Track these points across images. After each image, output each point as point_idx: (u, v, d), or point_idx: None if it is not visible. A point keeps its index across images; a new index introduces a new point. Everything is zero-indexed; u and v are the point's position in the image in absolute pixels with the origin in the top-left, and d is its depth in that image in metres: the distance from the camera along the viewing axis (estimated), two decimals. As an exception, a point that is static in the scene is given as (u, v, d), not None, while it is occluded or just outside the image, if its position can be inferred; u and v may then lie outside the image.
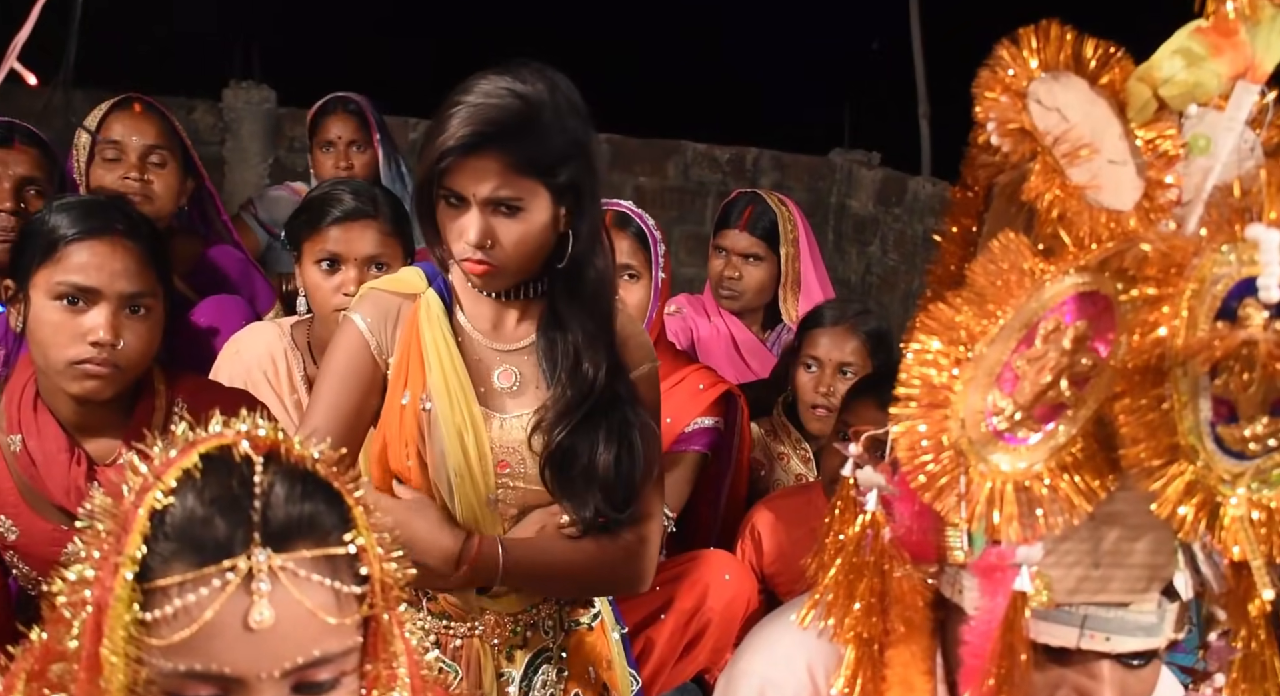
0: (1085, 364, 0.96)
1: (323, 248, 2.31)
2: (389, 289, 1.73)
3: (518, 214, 1.60)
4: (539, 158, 1.58)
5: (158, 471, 0.95)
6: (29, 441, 1.77)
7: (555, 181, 1.61)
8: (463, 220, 1.60)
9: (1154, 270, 0.92)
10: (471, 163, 1.57)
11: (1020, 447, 0.95)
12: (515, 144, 1.57)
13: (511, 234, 1.60)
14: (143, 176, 2.62)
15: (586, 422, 1.66)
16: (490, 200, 1.58)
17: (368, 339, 1.69)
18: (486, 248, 1.59)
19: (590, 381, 1.67)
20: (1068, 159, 1.01)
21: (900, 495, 1.08)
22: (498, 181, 1.57)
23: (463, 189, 1.58)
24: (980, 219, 1.19)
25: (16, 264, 1.77)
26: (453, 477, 1.68)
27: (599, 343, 1.67)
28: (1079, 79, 1.11)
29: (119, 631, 0.89)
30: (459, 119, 1.57)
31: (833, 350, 2.59)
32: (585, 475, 1.67)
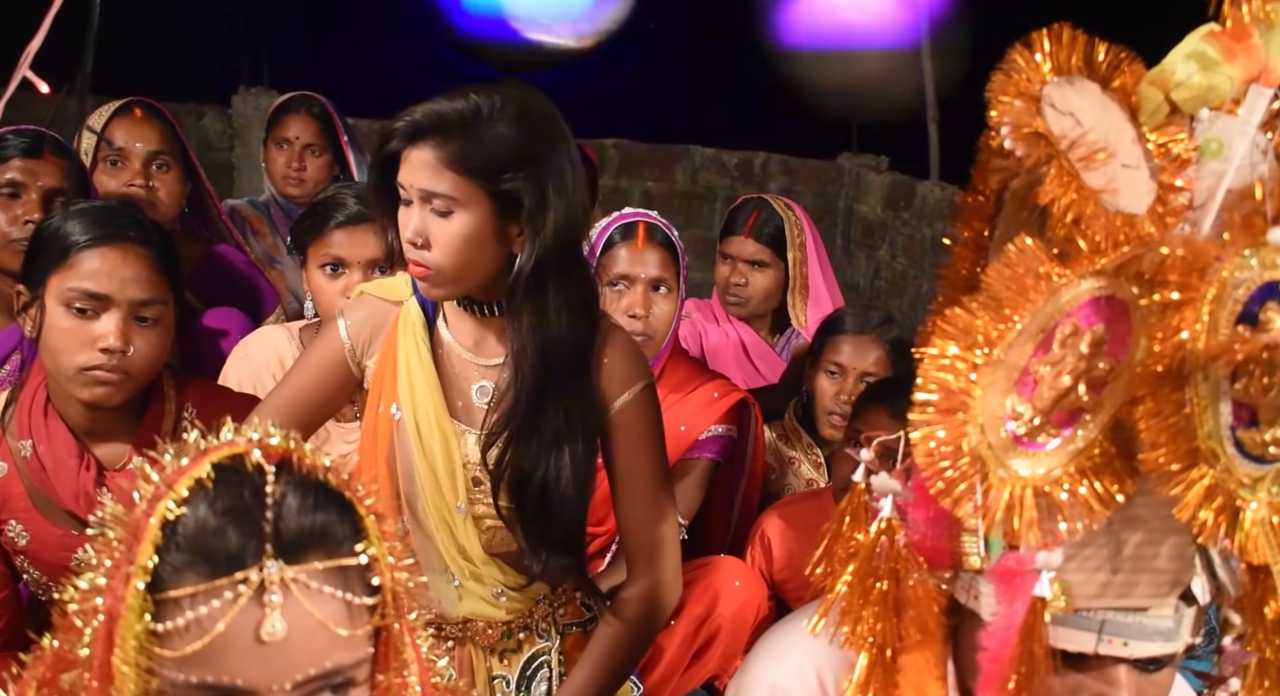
0: (1103, 368, 0.95)
1: (327, 252, 2.32)
2: (378, 294, 1.74)
3: (450, 215, 1.58)
4: (471, 157, 1.56)
5: (169, 480, 0.94)
6: (39, 447, 1.77)
7: (494, 187, 1.57)
8: (404, 215, 1.61)
9: (1175, 274, 0.91)
10: (411, 154, 1.58)
11: (1039, 453, 0.94)
12: (448, 139, 1.56)
13: (443, 234, 1.58)
14: (148, 182, 2.63)
15: (523, 450, 1.64)
16: (424, 194, 1.58)
17: (344, 341, 1.71)
18: (417, 246, 1.59)
19: (514, 399, 1.64)
20: (1083, 163, 1.00)
21: (915, 500, 1.07)
22: (429, 174, 1.56)
23: (404, 179, 1.59)
24: (992, 223, 1.18)
25: (30, 269, 1.77)
26: (418, 487, 1.69)
27: (527, 364, 1.63)
28: (1091, 83, 1.10)
29: (130, 641, 0.89)
30: (407, 114, 1.59)
31: (856, 358, 2.58)
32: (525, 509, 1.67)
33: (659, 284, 2.40)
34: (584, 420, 1.68)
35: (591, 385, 1.69)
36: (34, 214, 2.25)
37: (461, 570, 1.73)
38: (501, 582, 1.75)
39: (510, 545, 1.74)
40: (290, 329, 2.47)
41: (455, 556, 1.73)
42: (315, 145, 3.26)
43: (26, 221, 2.25)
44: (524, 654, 1.80)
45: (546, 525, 1.68)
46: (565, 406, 1.66)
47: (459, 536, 1.71)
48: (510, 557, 1.75)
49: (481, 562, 1.73)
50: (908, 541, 1.07)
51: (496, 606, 1.76)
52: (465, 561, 1.73)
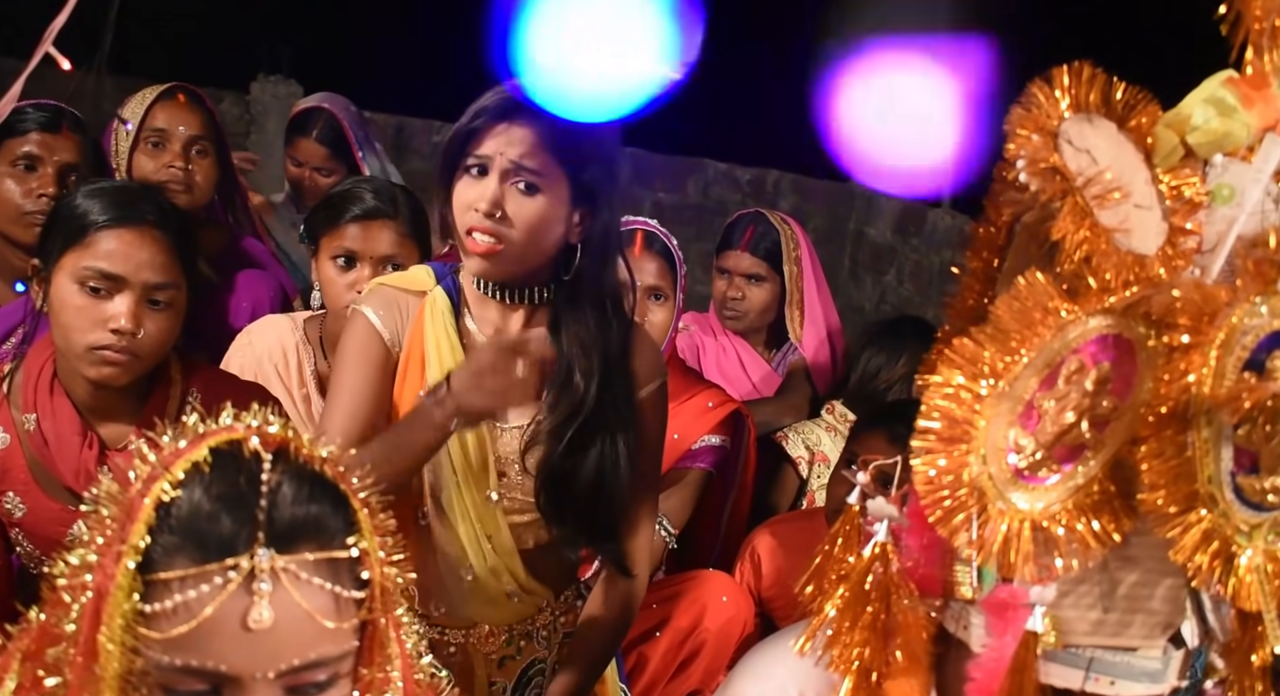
0: (1107, 406, 0.95)
1: (340, 244, 2.31)
2: (397, 285, 1.72)
3: (535, 193, 1.59)
4: (569, 142, 1.59)
5: (166, 462, 0.94)
6: (43, 422, 1.77)
7: (578, 176, 1.61)
8: (479, 187, 1.59)
9: (1185, 317, 0.91)
10: (504, 128, 1.58)
11: (1039, 487, 0.95)
12: (550, 119, 1.57)
13: (523, 211, 1.58)
14: (186, 165, 2.64)
15: (576, 442, 1.65)
16: (514, 167, 1.58)
17: (380, 329, 1.68)
18: (496, 218, 1.58)
19: (580, 397, 1.65)
20: (1098, 201, 1.01)
21: (910, 527, 1.07)
22: (526, 149, 1.57)
23: (489, 151, 1.58)
24: (1001, 254, 1.18)
25: (45, 244, 1.77)
26: (445, 478, 1.68)
27: (593, 355, 1.66)
28: (1108, 121, 1.11)
29: (117, 619, 0.89)
30: (498, 91, 1.59)
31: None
32: (575, 500, 1.67)
33: (655, 292, 2.41)
34: (629, 408, 1.70)
35: (631, 374, 1.71)
36: (49, 188, 2.25)
37: (481, 564, 1.72)
38: (517, 580, 1.74)
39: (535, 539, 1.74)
40: (295, 319, 2.47)
41: (478, 549, 1.71)
42: (324, 168, 3.34)
43: (41, 195, 2.25)
44: (522, 662, 1.79)
45: (594, 514, 1.69)
46: (616, 396, 1.68)
47: (488, 527, 1.71)
48: (534, 552, 1.75)
49: (506, 554, 1.72)
50: (900, 567, 1.07)
51: (506, 607, 1.76)
52: (490, 553, 1.72)
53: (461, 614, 1.75)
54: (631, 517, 1.75)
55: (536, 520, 1.72)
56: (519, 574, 1.74)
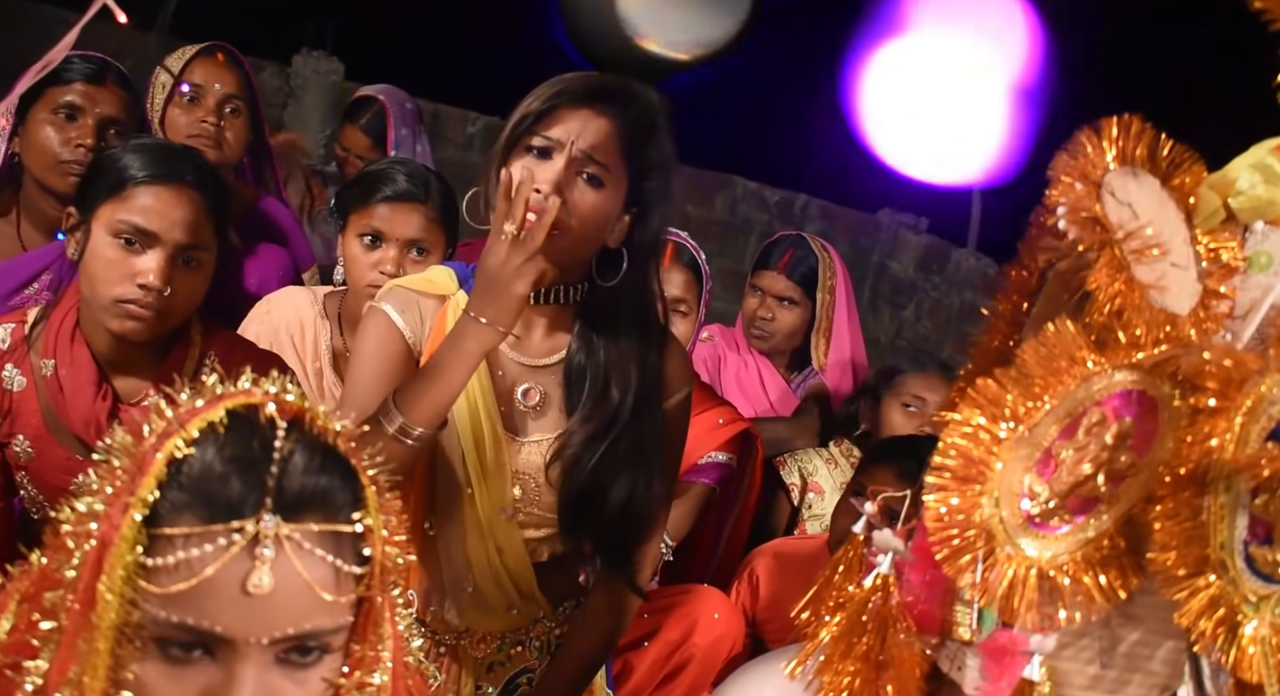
0: (1124, 462, 0.95)
1: (368, 223, 2.32)
2: (417, 288, 1.66)
3: (598, 187, 1.54)
4: (642, 145, 1.56)
5: (182, 419, 0.94)
6: (60, 369, 1.78)
7: (638, 180, 1.57)
8: (541, 168, 1.53)
9: (1214, 381, 0.91)
10: (584, 114, 1.54)
11: (1050, 536, 0.94)
12: (631, 117, 1.55)
13: (584, 202, 1.53)
14: (218, 122, 2.65)
15: (608, 457, 1.61)
16: (585, 156, 1.53)
17: (401, 328, 1.63)
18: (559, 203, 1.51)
19: (615, 410, 1.61)
20: (1136, 256, 1.01)
21: (914, 562, 1.07)
22: (601, 141, 1.53)
23: (561, 135, 1.53)
24: (1032, 299, 1.18)
25: (84, 194, 1.78)
26: (468, 488, 1.64)
27: (630, 369, 1.62)
28: (1152, 177, 1.11)
29: (119, 570, 0.89)
30: (582, 75, 1.56)
31: (933, 394, 2.63)
32: (600, 519, 1.64)
33: (678, 303, 2.40)
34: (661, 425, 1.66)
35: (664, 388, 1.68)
36: (87, 139, 2.26)
37: (486, 576, 1.68)
38: (520, 593, 1.71)
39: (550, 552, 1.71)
40: (315, 293, 2.48)
41: (485, 562, 1.67)
42: (365, 157, 3.43)
43: (79, 145, 2.26)
44: (511, 669, 1.78)
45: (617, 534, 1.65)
46: (651, 413, 1.64)
47: (500, 540, 1.66)
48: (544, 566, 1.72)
49: (517, 567, 1.68)
50: (899, 601, 1.06)
51: (503, 617, 1.73)
52: (499, 566, 1.68)
53: (455, 624, 1.73)
54: (650, 531, 1.72)
55: (553, 535, 1.68)
56: (525, 586, 1.71)
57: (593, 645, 1.77)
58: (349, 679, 0.97)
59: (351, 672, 0.97)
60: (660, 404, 1.67)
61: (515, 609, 1.73)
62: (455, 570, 1.69)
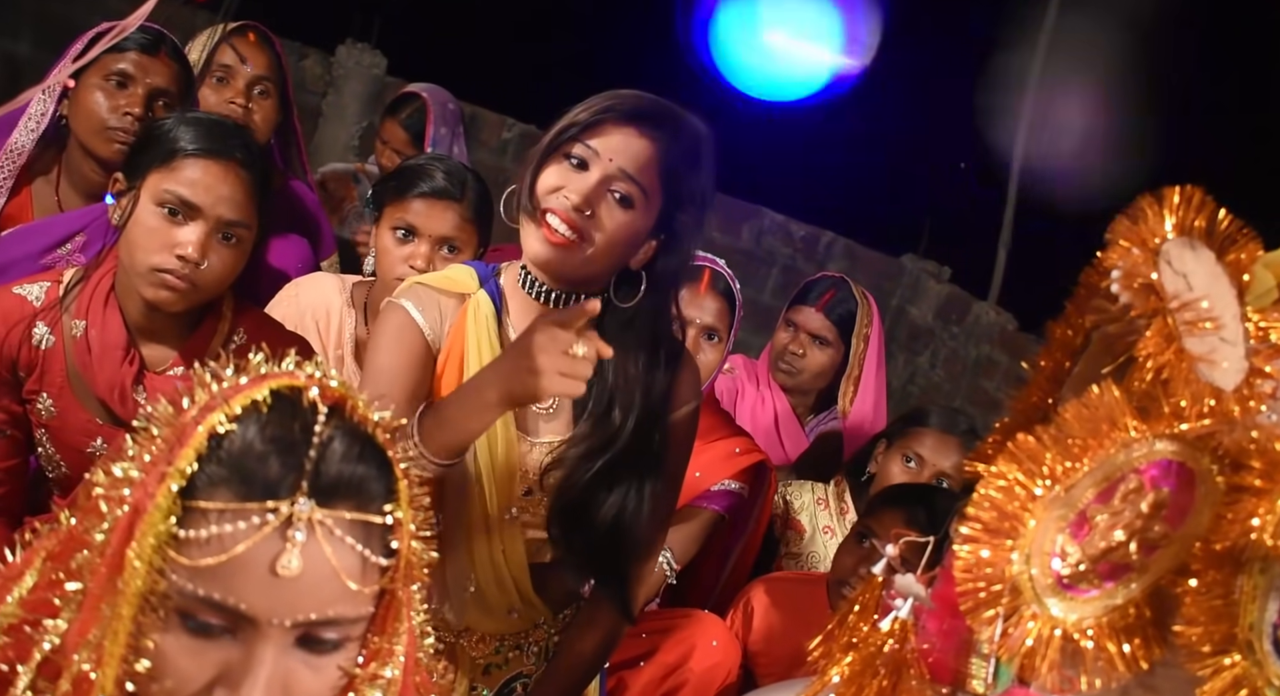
0: (1158, 532, 0.95)
1: (402, 217, 2.33)
2: (437, 286, 1.67)
3: (628, 207, 1.54)
4: (678, 169, 1.55)
5: (226, 394, 0.95)
6: (91, 331, 1.79)
7: (671, 208, 1.57)
8: (575, 178, 1.53)
9: (1260, 461, 0.91)
10: (627, 132, 1.54)
11: (1078, 598, 0.94)
12: (675, 144, 1.54)
13: (611, 220, 1.53)
14: (247, 104, 2.67)
15: (602, 476, 1.61)
16: (619, 174, 1.53)
17: (420, 324, 1.63)
18: (584, 215, 1.53)
19: (615, 432, 1.61)
20: (1188, 327, 1.01)
21: (933, 610, 1.06)
22: (639, 164, 1.53)
23: (600, 150, 1.53)
24: (1075, 358, 1.18)
25: (133, 161, 1.80)
26: (479, 485, 1.64)
27: (635, 392, 1.62)
28: (1208, 250, 1.11)
29: (149, 538, 0.89)
30: (636, 94, 1.55)
31: (939, 456, 2.58)
32: (587, 535, 1.64)
33: (711, 332, 2.40)
34: (663, 454, 1.65)
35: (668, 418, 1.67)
36: (135, 108, 2.27)
37: (489, 576, 1.69)
38: (521, 595, 1.72)
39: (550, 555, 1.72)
40: (344, 280, 2.49)
41: (488, 562, 1.68)
42: (402, 152, 3.45)
43: (126, 113, 2.27)
44: (507, 672, 1.77)
45: (604, 553, 1.65)
46: (651, 440, 1.63)
47: (505, 540, 1.67)
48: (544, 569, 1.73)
49: (517, 568, 1.69)
50: (915, 647, 1.06)
51: (503, 620, 1.74)
52: (502, 566, 1.69)
53: (458, 622, 1.73)
54: (639, 553, 1.71)
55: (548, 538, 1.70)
56: (525, 589, 1.71)
57: (579, 661, 1.76)
58: (364, 670, 0.97)
59: (367, 664, 0.97)
60: (665, 424, 1.67)
61: (515, 612, 1.74)
62: (458, 568, 1.69)
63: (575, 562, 1.70)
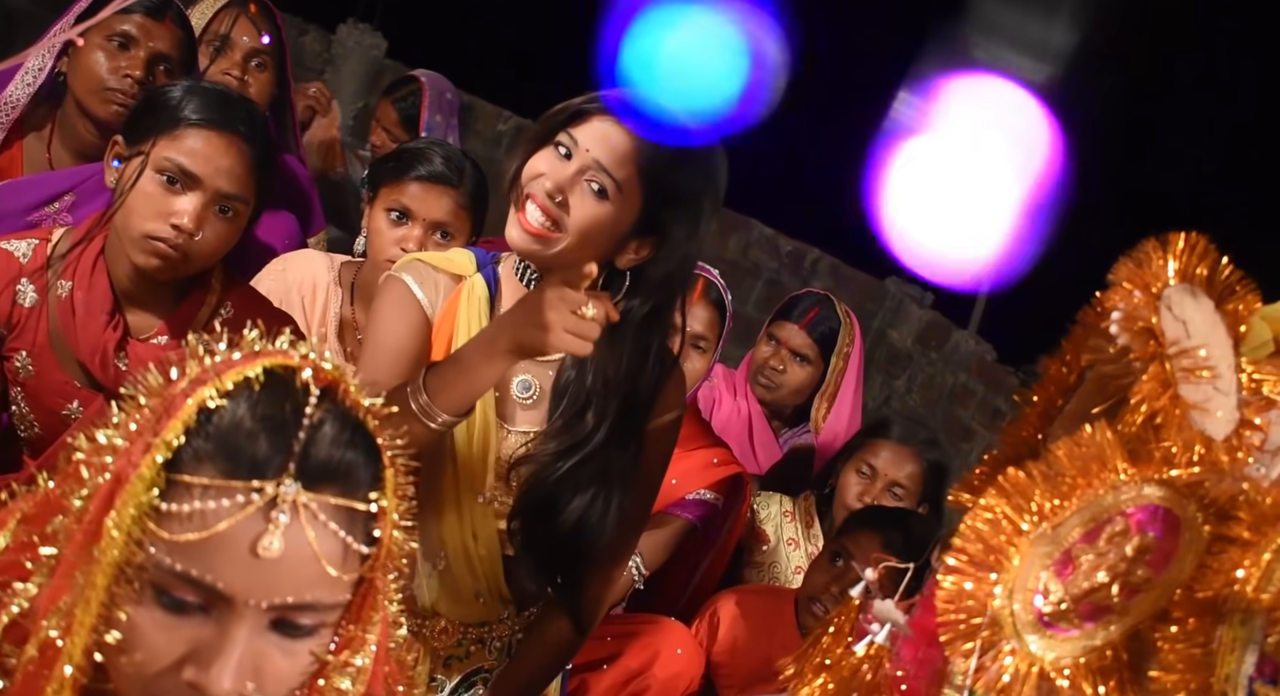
0: (1140, 576, 0.95)
1: (397, 199, 2.32)
2: (434, 264, 1.68)
3: (604, 199, 1.53)
4: (660, 167, 1.54)
5: (219, 368, 0.94)
6: (77, 292, 1.77)
7: (654, 207, 1.56)
8: (557, 166, 1.54)
9: (1248, 513, 0.91)
10: (606, 123, 1.54)
11: (1057, 637, 0.94)
12: (658, 142, 1.53)
13: (583, 212, 1.53)
14: (243, 76, 2.64)
15: (569, 478, 1.61)
16: (594, 165, 1.53)
17: (419, 296, 1.64)
18: (556, 202, 1.53)
19: (586, 435, 1.60)
20: (1185, 374, 1.01)
21: (910, 637, 1.06)
22: (615, 155, 1.53)
23: (580, 140, 1.53)
24: (1067, 395, 1.18)
25: (135, 125, 1.78)
26: (452, 464, 1.64)
27: (612, 399, 1.61)
28: (1208, 298, 1.11)
29: (130, 508, 0.88)
30: (624, 90, 1.55)
31: (892, 467, 2.59)
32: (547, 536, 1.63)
33: (699, 340, 2.40)
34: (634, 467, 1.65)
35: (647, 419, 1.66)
36: (136, 71, 2.25)
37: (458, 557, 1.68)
38: (489, 581, 1.71)
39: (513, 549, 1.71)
40: (332, 259, 2.47)
41: (458, 542, 1.67)
42: (392, 132, 3.47)
43: (126, 75, 2.24)
44: (468, 666, 1.77)
45: (561, 558, 1.65)
46: (625, 451, 1.63)
47: (476, 524, 1.67)
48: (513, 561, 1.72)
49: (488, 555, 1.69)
50: (889, 674, 1.06)
51: (471, 605, 1.73)
52: (474, 549, 1.68)
53: (423, 602, 1.73)
54: (605, 560, 1.70)
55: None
56: (493, 574, 1.71)
57: (533, 669, 1.76)
58: (335, 657, 0.96)
59: (339, 651, 0.96)
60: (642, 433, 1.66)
61: (482, 598, 1.73)
62: (429, 545, 1.69)
63: (532, 561, 1.69)
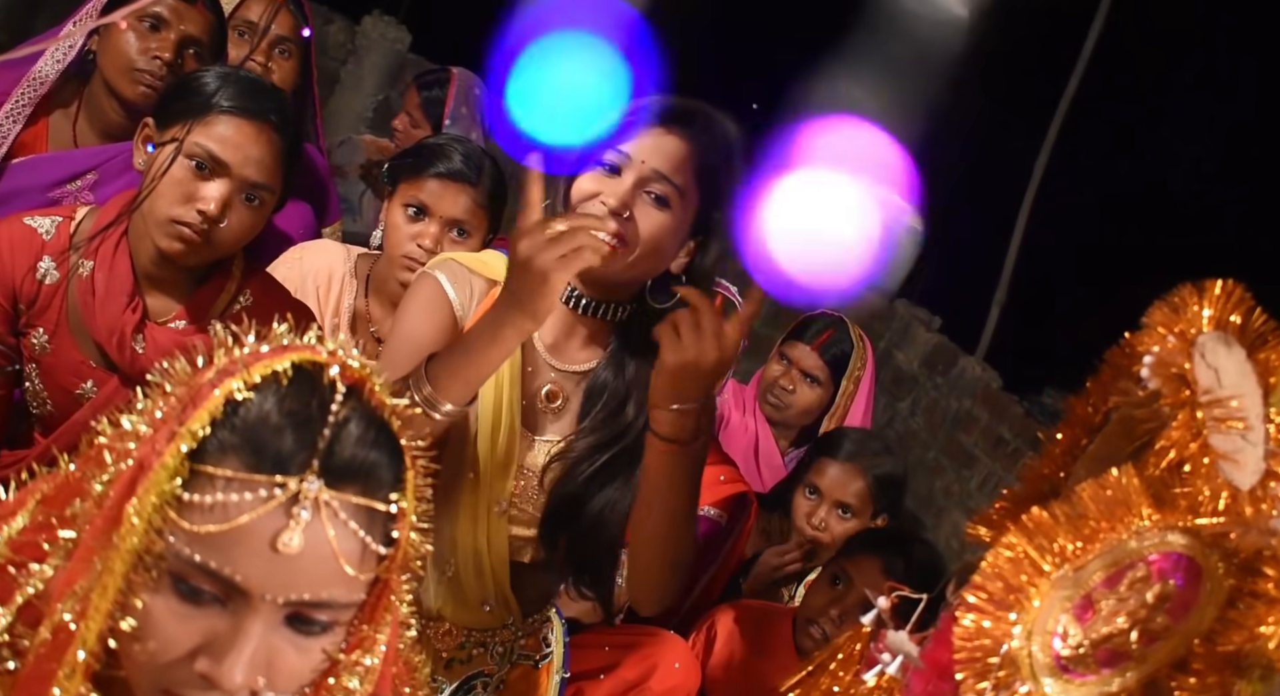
0: (1159, 624, 0.94)
1: (415, 195, 2.32)
2: (469, 265, 1.67)
3: (664, 207, 1.53)
4: (715, 170, 1.55)
5: (247, 361, 0.93)
6: (98, 272, 1.77)
7: (708, 206, 1.57)
8: (610, 184, 1.53)
9: (1273, 569, 0.91)
10: (658, 133, 1.54)
11: (1074, 681, 0.93)
12: (708, 142, 1.54)
13: (649, 221, 1.53)
14: (267, 62, 2.64)
15: (604, 471, 1.61)
16: (655, 175, 1.52)
17: (451, 297, 1.63)
18: (622, 217, 1.51)
19: (626, 427, 1.61)
20: (1216, 423, 1.00)
21: (921, 670, 1.06)
22: (673, 162, 1.53)
23: (632, 153, 1.53)
24: (1091, 435, 1.18)
25: (166, 109, 1.78)
26: (473, 472, 1.64)
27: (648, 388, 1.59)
28: (1240, 347, 1.11)
29: (152, 496, 0.87)
30: (662, 97, 1.55)
31: (836, 487, 2.57)
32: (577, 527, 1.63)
33: None
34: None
35: None
36: (165, 53, 2.24)
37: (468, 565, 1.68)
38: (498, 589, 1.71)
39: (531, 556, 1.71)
40: (349, 251, 2.47)
41: (470, 550, 1.67)
42: (414, 116, 3.47)
43: (155, 57, 2.24)
44: (469, 669, 1.76)
45: (585, 550, 1.66)
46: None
47: (490, 532, 1.66)
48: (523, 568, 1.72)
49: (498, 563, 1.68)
50: (898, 705, 1.05)
51: (476, 612, 1.73)
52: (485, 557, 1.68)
53: (429, 605, 1.72)
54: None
55: (537, 536, 1.69)
56: (502, 583, 1.71)
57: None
58: (346, 655, 0.95)
59: (350, 650, 0.96)
60: None
61: (489, 606, 1.73)
62: (439, 551, 1.68)
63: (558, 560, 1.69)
